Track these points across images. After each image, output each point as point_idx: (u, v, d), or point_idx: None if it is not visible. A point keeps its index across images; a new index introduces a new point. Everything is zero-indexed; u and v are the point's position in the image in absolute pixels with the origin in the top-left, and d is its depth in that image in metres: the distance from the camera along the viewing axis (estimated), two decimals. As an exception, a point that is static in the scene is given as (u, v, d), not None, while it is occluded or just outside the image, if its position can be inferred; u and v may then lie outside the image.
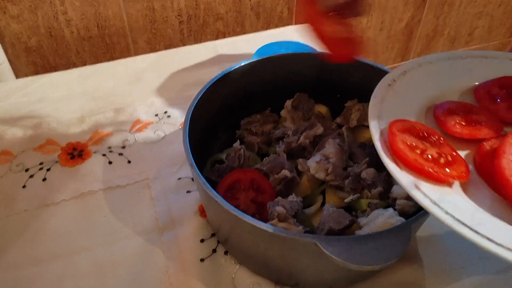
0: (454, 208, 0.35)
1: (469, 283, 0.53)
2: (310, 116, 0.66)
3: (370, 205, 0.54)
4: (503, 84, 0.50)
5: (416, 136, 0.43)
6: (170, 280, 0.53)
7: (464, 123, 0.46)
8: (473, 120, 0.46)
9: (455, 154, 0.42)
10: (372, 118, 0.44)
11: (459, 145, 0.44)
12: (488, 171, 0.41)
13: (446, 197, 0.37)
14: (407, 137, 0.42)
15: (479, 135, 0.45)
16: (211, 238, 0.57)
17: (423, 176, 0.39)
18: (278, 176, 0.56)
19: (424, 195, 0.37)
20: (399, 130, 0.42)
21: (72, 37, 0.93)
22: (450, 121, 0.46)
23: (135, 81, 0.82)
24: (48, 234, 0.58)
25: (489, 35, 1.48)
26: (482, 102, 0.49)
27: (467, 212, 0.36)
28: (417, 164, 0.39)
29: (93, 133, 0.71)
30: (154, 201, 0.62)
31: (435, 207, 0.36)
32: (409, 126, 0.43)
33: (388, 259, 0.40)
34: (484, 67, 0.51)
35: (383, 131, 0.43)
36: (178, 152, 0.68)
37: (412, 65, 0.50)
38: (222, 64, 0.85)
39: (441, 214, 0.35)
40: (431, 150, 0.41)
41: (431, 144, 0.43)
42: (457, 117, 0.46)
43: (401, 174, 0.39)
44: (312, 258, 0.46)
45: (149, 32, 0.99)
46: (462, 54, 0.52)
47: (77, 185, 0.64)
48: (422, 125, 0.44)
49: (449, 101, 0.49)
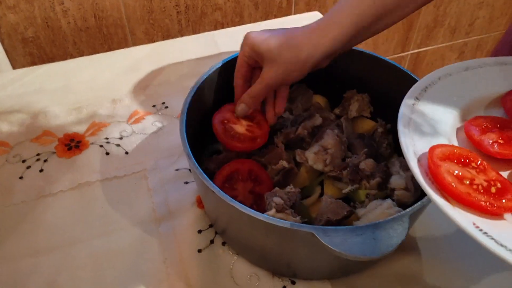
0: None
1: (467, 274, 0.53)
2: (309, 107, 0.65)
3: (368, 196, 0.54)
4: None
5: (458, 163, 0.39)
6: (167, 270, 0.53)
7: (502, 141, 0.42)
8: (510, 137, 0.43)
9: (503, 180, 0.38)
10: (405, 147, 0.39)
11: (498, 166, 0.40)
12: None
13: (507, 233, 0.33)
14: (451, 165, 0.38)
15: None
16: (208, 229, 0.57)
17: (477, 211, 0.35)
18: (276, 167, 0.55)
19: (486, 235, 0.32)
20: (440, 159, 0.38)
21: (69, 27, 0.92)
22: (486, 140, 0.42)
23: (133, 72, 0.81)
24: (45, 225, 0.58)
25: (490, 25, 1.47)
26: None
27: None
28: (471, 199, 0.35)
29: (90, 124, 0.71)
30: (151, 192, 0.61)
31: (501, 249, 0.32)
32: (449, 152, 0.39)
33: (386, 250, 0.40)
34: (505, 74, 0.49)
35: (421, 159, 0.38)
36: (176, 143, 0.68)
37: (431, 79, 0.47)
38: (220, 55, 0.85)
39: (509, 256, 0.31)
40: (479, 179, 0.37)
41: (476, 171, 0.39)
42: (493, 135, 0.42)
43: (457, 213, 0.34)
44: (309, 249, 0.46)
45: (146, 22, 0.98)
46: (479, 62, 0.49)
47: (74, 176, 0.63)
48: (461, 148, 0.40)
49: (479, 116, 0.45)
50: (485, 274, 0.53)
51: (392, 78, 0.59)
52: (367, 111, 0.64)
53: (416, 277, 0.53)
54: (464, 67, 0.49)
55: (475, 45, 1.52)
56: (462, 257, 0.55)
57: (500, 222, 0.35)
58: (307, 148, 0.59)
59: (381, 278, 0.53)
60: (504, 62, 0.50)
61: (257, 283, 0.52)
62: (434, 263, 0.54)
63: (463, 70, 0.49)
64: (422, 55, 1.46)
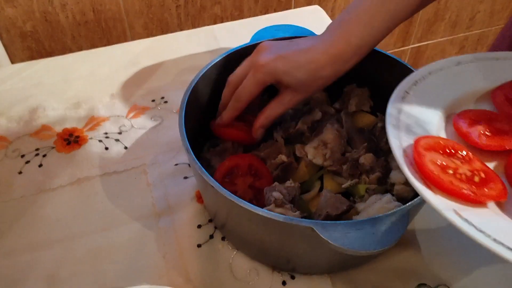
0: (500, 233, 0.32)
1: (467, 268, 0.53)
2: (308, 101, 0.65)
3: (368, 191, 0.54)
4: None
5: (443, 153, 0.39)
6: (167, 265, 0.53)
7: (489, 133, 0.42)
8: (498, 129, 0.43)
9: (488, 170, 0.39)
10: (392, 138, 0.40)
11: (484, 157, 0.41)
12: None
13: (487, 220, 0.34)
14: (435, 155, 0.38)
15: (509, 145, 0.41)
16: (208, 224, 0.57)
17: (459, 199, 0.36)
18: (275, 161, 0.55)
19: (466, 221, 0.33)
20: (425, 149, 0.39)
21: (68, 21, 0.92)
22: (474, 132, 0.42)
23: (132, 66, 0.81)
24: (45, 220, 0.58)
25: (491, 19, 1.47)
26: (502, 108, 0.46)
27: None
28: (453, 187, 0.36)
29: (89, 119, 0.71)
30: (151, 187, 0.61)
31: (481, 234, 0.32)
32: (434, 143, 0.40)
33: (385, 244, 0.40)
34: (497, 69, 0.49)
35: (407, 150, 0.39)
36: (175, 138, 0.67)
37: (423, 73, 0.47)
38: (220, 49, 0.85)
39: (489, 243, 0.31)
40: (463, 168, 0.38)
41: (461, 161, 0.39)
42: (481, 127, 0.43)
43: (438, 200, 0.35)
44: (308, 243, 0.46)
45: (145, 16, 0.98)
46: (472, 57, 0.49)
47: (73, 171, 0.63)
48: (447, 140, 0.41)
49: (468, 110, 0.45)
50: (485, 269, 0.53)
51: (393, 72, 0.58)
52: (367, 105, 0.64)
53: (416, 272, 0.53)
54: (456, 62, 0.49)
55: (475, 39, 1.52)
56: (461, 251, 0.55)
57: (482, 210, 0.36)
58: (306, 142, 0.59)
59: (380, 273, 0.53)
60: (497, 57, 0.50)
61: (256, 278, 0.52)
62: (434, 257, 0.54)
63: (455, 65, 0.48)
64: (423, 49, 1.45)
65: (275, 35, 0.63)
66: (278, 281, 0.52)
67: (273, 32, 0.74)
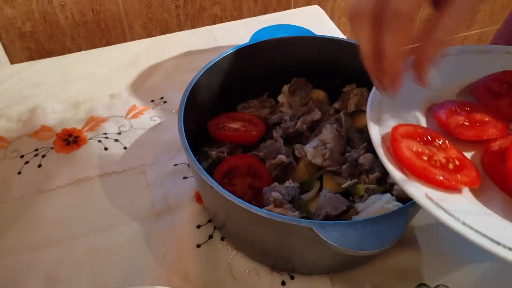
0: (470, 217, 0.33)
1: (467, 268, 0.53)
2: (308, 101, 0.65)
3: (368, 191, 0.54)
4: (503, 79, 0.48)
5: (420, 141, 0.41)
6: (167, 265, 0.53)
7: (468, 124, 0.43)
8: (477, 120, 0.44)
9: (463, 158, 0.40)
10: (371, 125, 0.41)
11: (463, 147, 0.42)
12: (498, 173, 0.39)
13: (459, 205, 0.35)
14: (412, 142, 0.40)
15: (486, 136, 0.42)
16: (207, 224, 0.57)
17: (432, 185, 0.37)
18: (274, 162, 0.55)
19: (437, 205, 0.34)
20: (402, 136, 0.40)
21: (67, 22, 0.92)
22: (452, 122, 0.43)
23: (131, 67, 0.81)
24: (44, 220, 0.58)
25: (491, 19, 1.47)
26: (482, 100, 0.47)
27: (485, 221, 0.34)
28: (426, 172, 0.37)
29: (89, 119, 0.71)
30: (150, 187, 0.61)
31: (450, 218, 0.33)
32: (412, 131, 0.41)
33: (385, 244, 0.40)
34: (480, 62, 0.49)
35: (385, 137, 0.40)
36: (174, 138, 0.67)
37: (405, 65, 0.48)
38: (219, 49, 0.84)
39: (458, 226, 0.32)
40: (438, 155, 0.39)
41: (437, 149, 0.40)
42: (460, 118, 0.44)
43: (410, 184, 0.36)
44: (308, 244, 0.46)
45: (145, 16, 0.98)
46: (456, 50, 0.49)
47: (72, 171, 0.63)
48: (425, 128, 0.42)
49: (449, 101, 0.47)
50: (485, 268, 0.53)
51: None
52: (366, 105, 0.64)
53: (415, 271, 0.53)
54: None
55: (476, 38, 1.52)
56: (461, 251, 0.55)
57: (456, 196, 0.37)
58: (306, 142, 0.59)
59: (380, 273, 0.53)
60: (482, 50, 0.50)
61: (256, 278, 0.52)
62: (433, 257, 0.54)
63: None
64: (422, 49, 1.45)
65: (274, 35, 0.63)
66: (277, 281, 0.52)
67: (273, 32, 0.74)
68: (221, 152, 0.57)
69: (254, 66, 0.63)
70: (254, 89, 0.66)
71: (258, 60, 0.63)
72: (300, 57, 0.64)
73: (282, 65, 0.65)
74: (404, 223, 0.42)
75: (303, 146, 0.58)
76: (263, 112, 0.64)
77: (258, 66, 0.63)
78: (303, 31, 0.75)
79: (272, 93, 0.67)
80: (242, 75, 0.63)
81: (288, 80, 0.65)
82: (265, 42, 0.62)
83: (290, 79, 0.65)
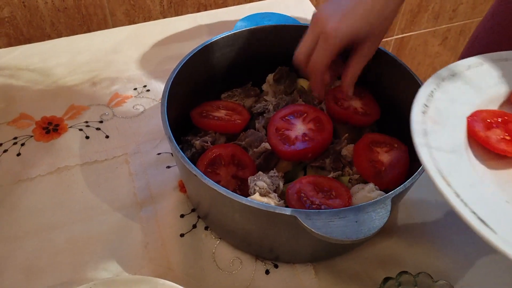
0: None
1: (449, 256, 0.54)
2: (292, 91, 0.64)
3: (351, 181, 0.54)
4: None
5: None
6: (149, 255, 0.53)
7: (509, 137, 0.41)
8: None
9: None
10: (427, 164, 0.36)
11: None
12: None
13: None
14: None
15: None
16: (191, 214, 0.56)
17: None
18: (257, 150, 0.55)
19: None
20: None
21: (47, 7, 0.89)
22: (492, 136, 0.40)
23: (113, 54, 0.79)
24: (23, 210, 0.56)
25: (473, 11, 1.48)
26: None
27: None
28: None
29: (69, 107, 0.69)
30: (133, 177, 0.61)
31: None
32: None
33: (368, 233, 0.40)
34: (507, 70, 0.46)
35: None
36: (158, 127, 0.66)
37: (436, 81, 0.43)
38: (203, 37, 0.83)
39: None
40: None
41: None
42: (498, 131, 0.41)
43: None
44: (292, 232, 0.46)
45: (127, 3, 0.96)
46: (479, 60, 0.46)
47: (52, 160, 0.62)
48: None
49: (480, 111, 0.43)
50: (467, 256, 0.54)
51: (376, 62, 0.58)
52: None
53: (399, 260, 0.54)
54: (467, 66, 0.45)
55: (458, 30, 1.53)
56: (444, 239, 0.56)
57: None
58: (290, 132, 0.58)
59: (363, 261, 0.53)
60: (507, 58, 0.46)
61: (239, 267, 0.52)
62: (417, 245, 0.55)
63: (466, 69, 0.45)
64: (406, 40, 1.46)
65: (259, 23, 0.62)
66: (261, 270, 0.52)
67: (257, 20, 0.73)
68: (205, 142, 0.56)
69: (238, 55, 0.62)
70: (238, 78, 0.65)
71: (242, 48, 0.62)
72: (284, 45, 0.63)
73: (266, 54, 0.64)
74: (387, 211, 0.42)
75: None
76: (248, 101, 0.64)
77: (243, 54, 0.62)
78: (288, 19, 0.75)
79: (256, 82, 0.66)
80: (226, 64, 0.62)
81: (273, 69, 0.65)
82: (249, 30, 0.61)
83: (274, 68, 0.65)
